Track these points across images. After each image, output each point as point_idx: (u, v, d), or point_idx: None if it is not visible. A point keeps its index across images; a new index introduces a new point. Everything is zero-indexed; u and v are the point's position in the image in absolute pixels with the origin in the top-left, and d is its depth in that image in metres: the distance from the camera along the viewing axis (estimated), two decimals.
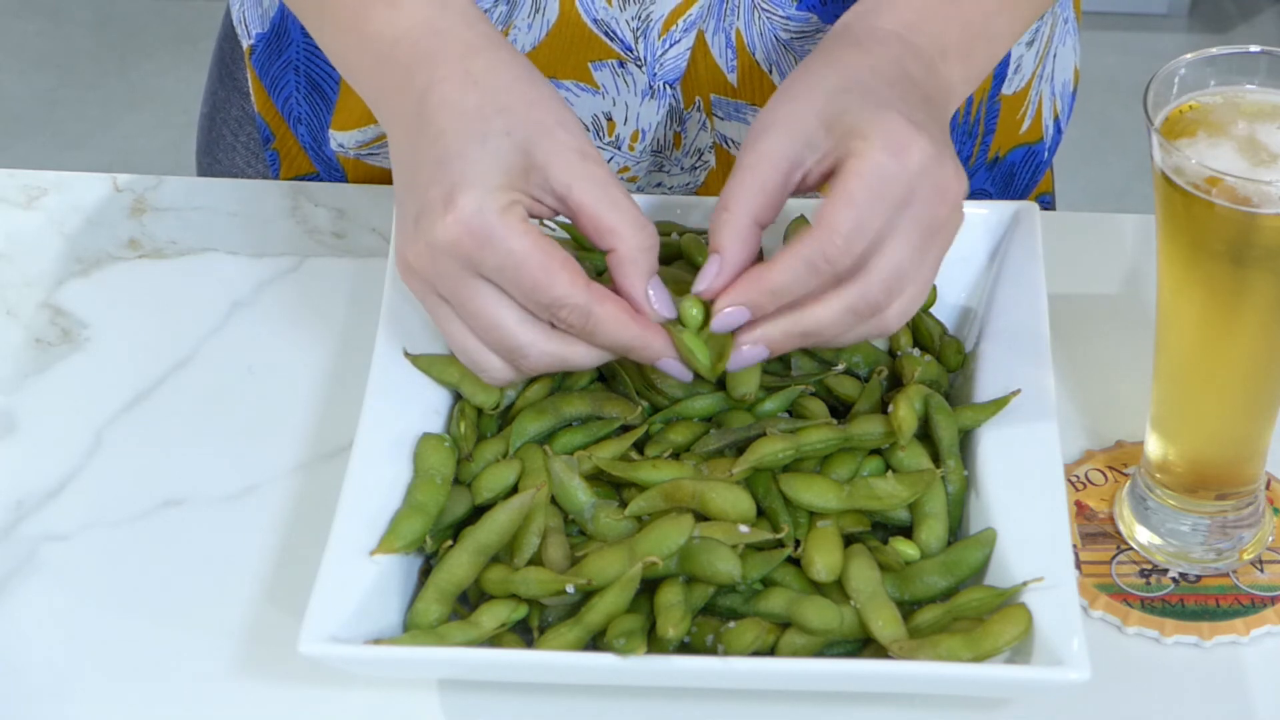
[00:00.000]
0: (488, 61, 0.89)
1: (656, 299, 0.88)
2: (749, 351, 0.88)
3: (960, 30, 0.95)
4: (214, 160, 1.25)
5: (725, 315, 0.87)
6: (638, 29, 1.06)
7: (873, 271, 0.86)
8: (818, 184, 0.88)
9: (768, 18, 1.07)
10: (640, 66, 1.08)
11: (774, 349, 0.88)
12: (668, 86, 1.09)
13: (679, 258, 0.98)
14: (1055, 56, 1.19)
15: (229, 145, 1.24)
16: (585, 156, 0.87)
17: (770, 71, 1.09)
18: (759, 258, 0.88)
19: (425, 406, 0.93)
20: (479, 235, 0.85)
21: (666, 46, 1.07)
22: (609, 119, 1.10)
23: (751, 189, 0.87)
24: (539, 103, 0.88)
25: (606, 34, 1.07)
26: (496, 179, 0.86)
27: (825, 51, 0.93)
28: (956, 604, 0.84)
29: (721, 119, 1.11)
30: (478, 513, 0.89)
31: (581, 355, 0.88)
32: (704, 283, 0.87)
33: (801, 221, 0.97)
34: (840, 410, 0.93)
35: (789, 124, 0.88)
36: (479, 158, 0.86)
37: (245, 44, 1.19)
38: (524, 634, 0.85)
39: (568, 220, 0.89)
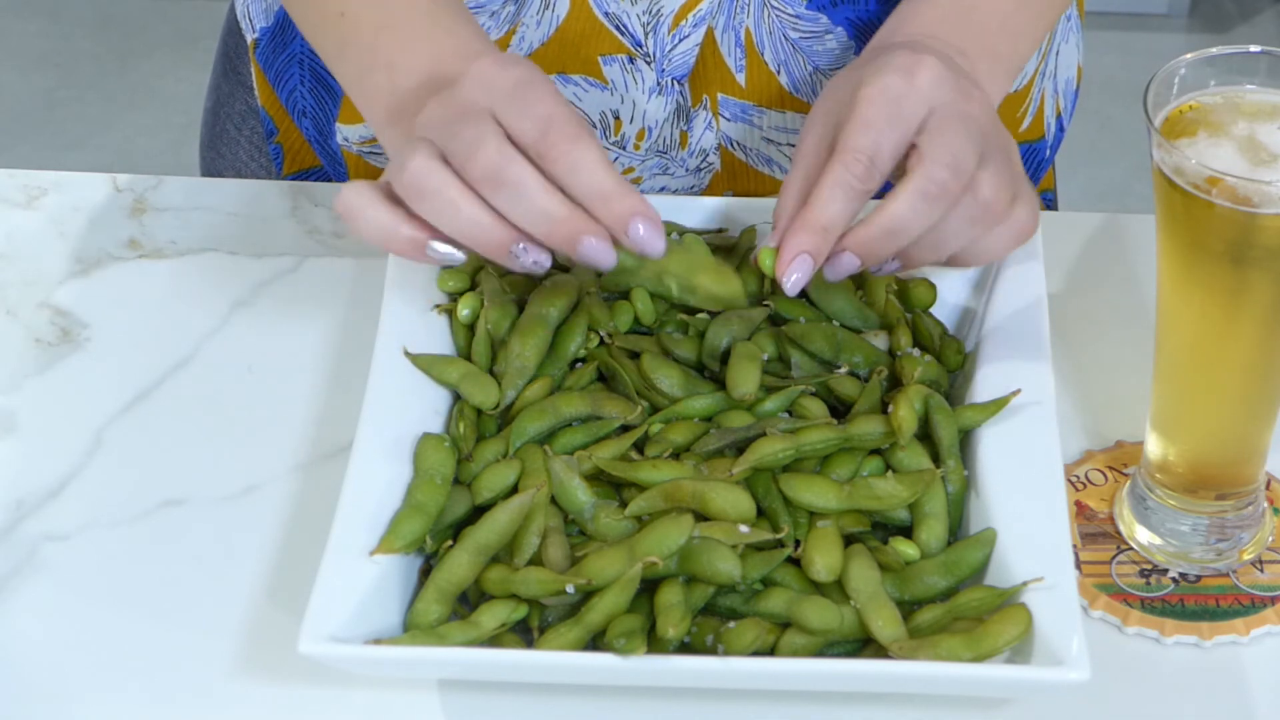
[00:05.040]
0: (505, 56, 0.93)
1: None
2: (846, 260, 0.88)
3: (978, 33, 0.98)
4: (217, 155, 1.26)
5: (797, 261, 0.87)
6: (648, 24, 1.07)
7: (926, 156, 0.87)
8: None
9: (778, 16, 1.07)
10: (649, 63, 1.08)
11: (866, 256, 0.88)
12: (675, 83, 1.09)
13: None
14: (1058, 54, 1.19)
15: (232, 140, 1.24)
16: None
17: (779, 73, 1.09)
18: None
19: (425, 406, 0.93)
20: (509, 64, 0.87)
21: (676, 41, 1.08)
22: (616, 117, 1.10)
23: (798, 178, 0.90)
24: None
25: (617, 28, 1.07)
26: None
27: (849, 65, 0.97)
28: (956, 604, 0.84)
29: (728, 119, 1.11)
30: (478, 513, 0.89)
31: (559, 220, 0.85)
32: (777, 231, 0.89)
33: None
34: (840, 410, 0.93)
35: (818, 118, 0.92)
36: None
37: (249, 38, 1.19)
38: (524, 634, 0.85)
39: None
